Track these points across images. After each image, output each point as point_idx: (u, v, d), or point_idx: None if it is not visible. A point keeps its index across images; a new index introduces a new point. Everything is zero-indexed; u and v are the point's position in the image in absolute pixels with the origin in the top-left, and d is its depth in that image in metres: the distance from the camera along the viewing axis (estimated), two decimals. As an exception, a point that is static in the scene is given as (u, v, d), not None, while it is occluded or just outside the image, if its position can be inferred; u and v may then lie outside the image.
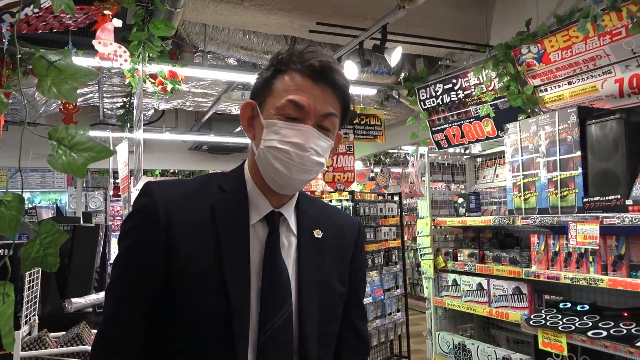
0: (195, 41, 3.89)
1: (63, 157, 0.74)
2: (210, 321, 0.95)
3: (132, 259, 0.99)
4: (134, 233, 0.99)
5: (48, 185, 8.10)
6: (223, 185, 1.04)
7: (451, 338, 3.55)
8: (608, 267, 2.52)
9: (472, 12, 4.30)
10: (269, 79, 1.02)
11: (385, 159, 10.00)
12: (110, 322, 0.99)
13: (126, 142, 5.10)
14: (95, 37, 2.20)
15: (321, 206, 1.18)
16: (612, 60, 2.95)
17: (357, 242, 1.18)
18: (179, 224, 0.97)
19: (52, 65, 0.73)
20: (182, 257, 0.96)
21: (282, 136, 0.97)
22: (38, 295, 2.28)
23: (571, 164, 2.73)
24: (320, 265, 1.07)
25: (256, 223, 1.02)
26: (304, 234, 1.07)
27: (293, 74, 1.00)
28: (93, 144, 0.76)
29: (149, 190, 1.00)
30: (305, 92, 0.98)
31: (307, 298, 1.02)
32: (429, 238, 3.74)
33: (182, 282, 0.95)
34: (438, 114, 4.32)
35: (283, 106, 0.98)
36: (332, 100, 1.00)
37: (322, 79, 0.99)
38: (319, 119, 0.99)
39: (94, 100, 5.47)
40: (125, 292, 0.98)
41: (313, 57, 0.99)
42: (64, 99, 0.75)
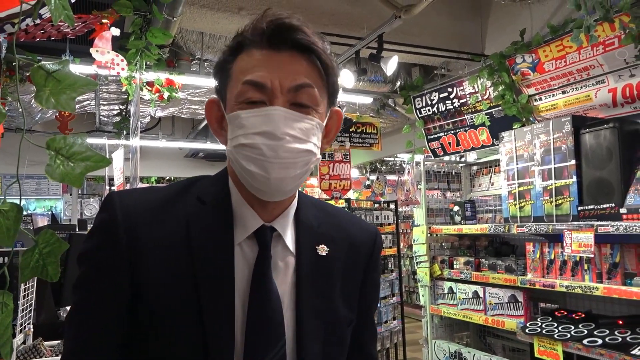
0: (193, 49, 3.91)
1: (61, 166, 0.74)
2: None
3: (90, 288, 0.80)
4: (93, 256, 0.81)
5: (43, 193, 8.06)
6: (202, 196, 0.84)
7: (447, 346, 3.54)
8: (603, 275, 2.53)
9: (467, 21, 4.34)
10: (223, 64, 0.82)
11: (381, 166, 10.02)
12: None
13: (122, 150, 5.10)
14: (93, 45, 2.21)
15: (329, 213, 0.95)
16: (606, 70, 2.98)
17: (371, 256, 0.95)
18: (145, 245, 0.78)
19: (51, 76, 0.74)
20: (149, 286, 0.77)
21: (246, 128, 0.77)
22: (33, 303, 2.27)
23: (566, 172, 2.76)
24: (325, 290, 0.86)
25: (243, 241, 0.82)
26: (305, 252, 0.86)
27: (249, 49, 0.79)
28: (91, 154, 0.76)
29: (110, 203, 0.81)
30: (264, 66, 0.77)
31: (308, 334, 0.82)
32: (425, 246, 3.75)
33: (150, 318, 0.77)
34: (434, 122, 4.34)
35: (241, 91, 0.78)
36: (302, 67, 0.78)
37: (281, 44, 0.77)
38: (291, 96, 0.78)
39: (90, 108, 5.47)
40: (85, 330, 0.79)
41: (262, 21, 0.78)
42: (62, 109, 0.75)
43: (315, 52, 0.79)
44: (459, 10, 4.30)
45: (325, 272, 0.87)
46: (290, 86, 0.77)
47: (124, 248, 0.78)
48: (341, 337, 0.88)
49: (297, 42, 0.78)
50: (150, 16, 2.58)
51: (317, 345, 0.82)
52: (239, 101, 0.78)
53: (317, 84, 0.80)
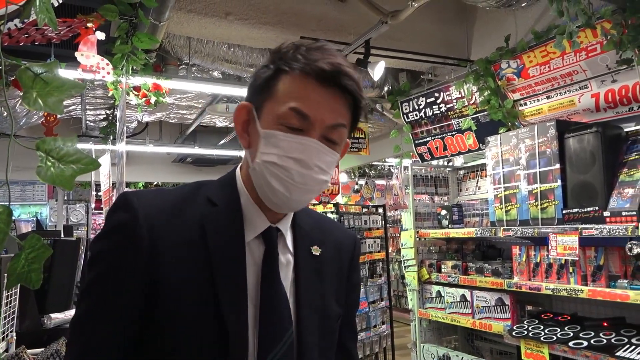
0: (180, 54, 3.89)
1: (51, 168, 0.74)
2: (205, 352, 0.82)
3: (106, 289, 0.82)
4: (109, 257, 0.83)
5: (28, 198, 7.96)
6: (213, 198, 0.90)
7: (436, 350, 3.55)
8: (588, 278, 2.56)
9: (453, 27, 4.39)
10: (269, 79, 0.86)
11: (369, 171, 10.05)
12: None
13: (109, 155, 5.06)
14: (78, 49, 2.20)
15: (317, 218, 1.06)
16: (589, 76, 3.03)
17: (352, 258, 1.06)
18: (164, 244, 0.83)
19: (38, 78, 0.73)
20: (168, 284, 0.82)
21: (282, 150, 0.83)
22: (16, 311, 2.24)
23: (551, 176, 2.79)
24: (320, 287, 0.95)
25: (251, 241, 0.90)
26: (302, 252, 0.95)
27: (298, 75, 0.84)
28: (81, 156, 0.76)
29: (129, 203, 0.84)
30: (312, 99, 0.83)
31: (306, 326, 0.90)
32: (413, 250, 3.76)
33: (170, 316, 0.81)
34: (421, 127, 4.37)
35: (285, 114, 0.83)
36: (341, 108, 0.86)
37: (331, 84, 0.84)
38: (326, 131, 0.85)
39: (76, 112, 5.41)
40: (94, 336, 0.81)
41: (322, 58, 0.84)
42: (50, 110, 0.75)
43: (355, 98, 0.87)
44: (445, 16, 4.34)
45: (319, 270, 0.97)
46: (329, 124, 0.85)
47: (145, 248, 0.82)
48: (333, 329, 0.98)
49: (345, 87, 0.85)
50: (137, 21, 2.57)
51: (314, 336, 0.91)
52: (280, 122, 0.84)
53: (347, 124, 0.89)
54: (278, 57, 0.87)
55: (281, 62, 0.86)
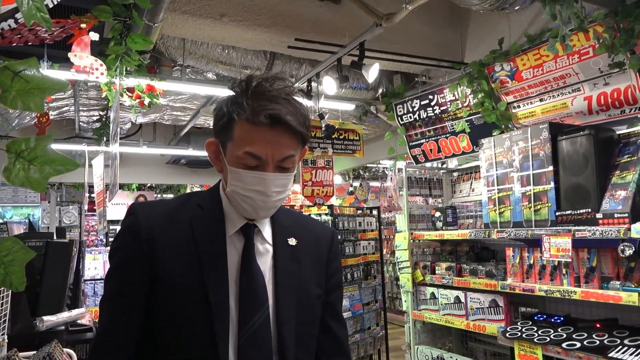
0: (174, 55, 3.88)
1: (22, 170, 0.71)
2: (194, 326, 1.03)
3: (121, 275, 1.09)
4: (121, 251, 1.10)
5: (20, 200, 7.89)
6: (201, 203, 1.13)
7: (430, 352, 3.56)
8: (581, 279, 2.58)
9: (448, 30, 4.40)
10: (226, 126, 1.06)
11: (364, 173, 10.06)
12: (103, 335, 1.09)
13: (102, 156, 5.03)
14: (72, 50, 2.18)
15: (297, 217, 1.26)
16: (581, 79, 3.05)
17: (330, 249, 1.25)
18: (161, 240, 1.07)
19: (17, 76, 0.71)
20: (166, 271, 1.05)
21: (245, 184, 1.05)
22: (8, 313, 2.21)
23: (544, 178, 2.80)
24: (296, 270, 1.14)
25: (233, 234, 1.11)
26: (279, 243, 1.15)
27: (248, 122, 1.02)
28: (55, 157, 0.73)
29: (134, 210, 1.11)
30: (261, 142, 1.02)
31: (284, 301, 1.09)
32: (407, 252, 3.76)
33: (166, 294, 1.05)
34: (415, 129, 4.39)
35: (242, 157, 1.03)
36: (289, 142, 1.04)
37: (277, 125, 1.02)
38: (278, 163, 1.05)
39: (69, 114, 5.38)
40: (116, 307, 1.08)
41: (265, 106, 1.01)
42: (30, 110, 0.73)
43: (301, 131, 1.04)
44: (439, 19, 4.36)
45: (295, 257, 1.16)
46: (279, 158, 1.04)
47: (145, 244, 1.06)
48: (311, 307, 1.15)
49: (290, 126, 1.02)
50: (130, 22, 2.56)
51: (291, 310, 1.10)
52: (239, 162, 1.04)
53: (296, 150, 1.07)
54: (231, 102, 1.05)
55: (233, 108, 1.04)
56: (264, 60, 4.16)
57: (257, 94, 1.03)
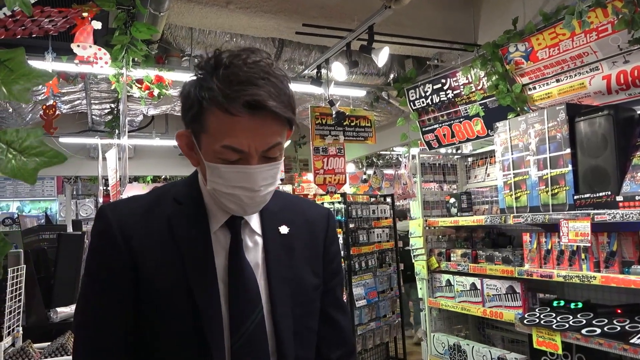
0: (182, 45, 3.85)
1: (12, 161, 0.71)
2: (184, 333, 0.93)
3: (102, 290, 0.96)
4: (98, 257, 0.98)
5: (38, 194, 8.01)
6: (178, 197, 1.00)
7: (446, 339, 3.52)
8: (600, 264, 2.51)
9: (459, 11, 4.30)
10: (197, 116, 0.90)
11: (377, 160, 9.99)
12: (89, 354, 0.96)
13: (115, 149, 5.05)
14: (74, 40, 2.16)
15: (287, 200, 1.12)
16: (599, 57, 2.95)
17: (327, 232, 1.13)
18: (137, 242, 0.95)
19: (2, 65, 0.70)
20: (146, 274, 0.94)
21: (227, 181, 0.91)
22: (22, 305, 2.23)
23: (561, 161, 2.72)
24: (290, 261, 1.03)
25: (217, 230, 0.99)
26: (269, 233, 1.03)
27: (223, 112, 0.87)
28: (45, 149, 0.73)
29: (103, 214, 0.98)
30: (242, 132, 0.87)
31: (279, 297, 0.99)
32: (422, 239, 3.72)
33: (151, 298, 0.94)
34: (428, 114, 4.31)
35: (221, 151, 0.89)
36: (274, 129, 0.90)
37: (258, 112, 0.87)
38: (263, 153, 0.91)
39: (81, 107, 5.41)
40: (102, 328, 0.95)
41: (241, 91, 0.85)
42: (15, 99, 0.71)
43: (286, 114, 0.89)
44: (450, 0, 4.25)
45: (288, 247, 1.04)
46: (264, 149, 0.91)
47: (122, 248, 0.94)
48: (309, 300, 1.05)
49: (272, 111, 0.87)
50: (134, 10, 2.53)
51: (287, 308, 0.99)
52: (218, 157, 0.90)
53: (282, 136, 0.93)
54: (199, 84, 0.89)
55: (203, 94, 0.88)
56: (272, 48, 4.11)
57: (229, 76, 0.86)
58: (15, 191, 7.87)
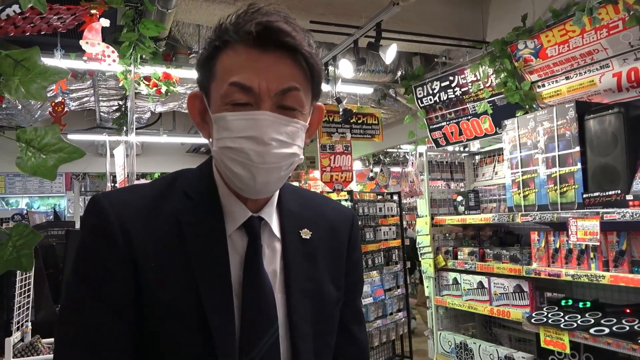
0: (190, 42, 3.86)
1: (32, 159, 0.71)
2: (193, 356, 0.79)
3: (94, 288, 0.78)
4: (92, 258, 0.79)
5: (46, 190, 8.08)
6: (189, 191, 0.85)
7: (453, 337, 3.51)
8: (609, 263, 2.49)
9: (468, 8, 4.26)
10: (207, 60, 0.80)
11: (384, 158, 9.97)
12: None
13: (123, 146, 5.07)
14: (83, 37, 2.17)
15: (308, 198, 0.98)
16: (610, 54, 2.91)
17: (350, 237, 0.99)
18: (140, 244, 0.79)
19: (20, 64, 0.70)
20: (149, 283, 0.78)
21: (233, 132, 0.77)
22: (31, 301, 2.25)
23: (570, 159, 2.70)
24: (311, 271, 0.89)
25: (232, 233, 0.84)
26: (290, 237, 0.89)
27: (233, 47, 0.77)
28: (63, 145, 0.73)
29: (98, 206, 0.79)
30: (251, 69, 0.76)
31: (298, 313, 0.85)
32: (429, 237, 3.71)
33: (154, 313, 0.78)
34: (435, 111, 4.29)
35: (227, 92, 0.76)
36: (289, 70, 0.78)
37: (269, 46, 0.76)
38: (277, 99, 0.77)
39: (90, 104, 5.44)
40: (91, 331, 0.77)
41: (250, 20, 0.75)
42: (32, 98, 0.72)
43: (302, 54, 0.78)
44: (459, -4, 4.22)
45: (310, 255, 0.90)
46: (277, 90, 0.77)
47: (123, 249, 0.77)
48: (330, 315, 0.92)
49: (285, 44, 0.76)
50: (142, 8, 2.54)
51: (307, 325, 0.85)
52: (225, 102, 0.77)
53: (302, 86, 0.80)
54: (214, 35, 0.80)
55: (214, 38, 0.80)
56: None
57: (242, 15, 0.77)
58: (24, 187, 7.94)
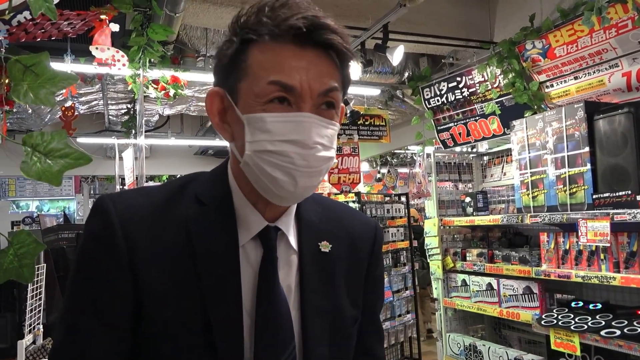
0: (197, 45, 3.88)
1: (37, 163, 0.71)
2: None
3: (92, 301, 0.73)
4: (88, 270, 0.74)
5: (56, 193, 8.15)
6: (201, 196, 0.79)
7: (462, 339, 3.50)
8: (620, 265, 2.47)
9: (475, 8, 4.25)
10: (236, 55, 0.73)
11: (392, 159, 9.94)
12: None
13: (132, 149, 5.11)
14: (93, 42, 2.19)
15: (328, 207, 0.91)
16: (619, 54, 2.89)
17: (373, 251, 0.92)
18: (145, 254, 0.73)
19: (29, 70, 0.70)
20: (153, 298, 0.73)
21: (273, 134, 0.70)
22: (42, 303, 2.27)
23: (579, 160, 2.68)
24: (329, 288, 0.83)
25: (247, 243, 0.78)
26: (308, 250, 0.82)
27: (269, 42, 0.71)
28: (70, 151, 0.73)
29: (103, 207, 0.74)
30: (292, 67, 0.70)
31: (313, 334, 0.79)
32: (437, 238, 3.70)
33: (155, 330, 0.73)
34: (443, 112, 4.27)
35: (265, 91, 0.70)
36: (329, 68, 0.73)
37: (310, 43, 0.71)
38: (318, 99, 0.72)
39: (98, 107, 5.48)
40: (86, 347, 0.73)
41: (292, 15, 0.70)
42: (41, 103, 0.73)
43: (345, 54, 0.74)
44: (466, -3, 4.21)
45: (329, 270, 0.84)
46: (320, 90, 0.72)
47: (125, 259, 0.72)
48: (347, 335, 0.85)
49: (329, 41, 0.71)
50: (151, 12, 2.56)
51: (323, 345, 0.80)
52: (262, 102, 0.71)
53: (339, 82, 0.75)
54: (240, 26, 0.73)
55: (245, 31, 0.72)
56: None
57: (277, 7, 0.71)
58: (34, 190, 8.03)
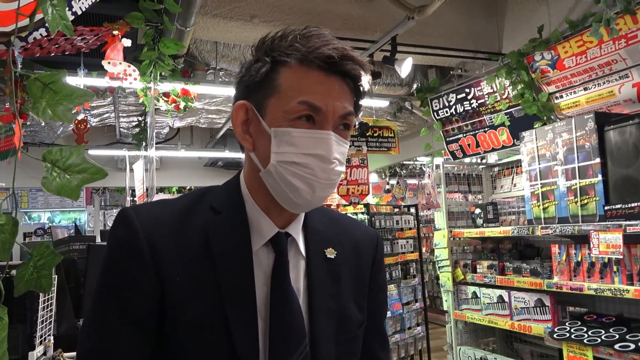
0: (207, 59, 3.93)
1: (57, 179, 0.73)
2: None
3: (114, 306, 0.79)
4: (115, 274, 0.80)
5: (67, 205, 8.23)
6: (216, 206, 0.86)
7: (473, 352, 3.45)
8: (634, 277, 2.43)
9: (483, 20, 4.27)
10: (267, 74, 0.81)
11: (400, 170, 9.93)
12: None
13: (142, 161, 5.16)
14: (105, 56, 2.24)
15: (333, 218, 0.99)
16: (629, 64, 2.88)
17: (375, 258, 0.99)
18: (167, 258, 0.80)
19: (47, 87, 0.73)
20: (175, 300, 0.79)
21: (300, 147, 0.79)
22: (53, 315, 2.28)
23: (590, 171, 2.66)
24: (336, 291, 0.89)
25: (259, 249, 0.85)
26: (315, 255, 0.89)
27: (299, 66, 0.80)
28: (87, 166, 0.75)
29: (126, 218, 0.81)
30: (320, 90, 0.79)
31: (322, 334, 0.85)
32: (447, 250, 3.67)
33: (177, 330, 0.79)
34: (452, 124, 4.27)
35: (294, 109, 0.79)
36: (347, 95, 0.82)
37: (334, 71, 0.80)
38: (338, 120, 0.81)
39: (110, 120, 5.56)
40: (112, 349, 0.78)
41: (323, 45, 0.79)
42: (59, 120, 0.75)
43: (362, 86, 0.84)
44: (474, 8, 4.23)
45: (335, 274, 0.90)
46: (341, 113, 0.81)
47: (149, 263, 0.78)
48: (353, 337, 0.91)
49: (349, 73, 0.81)
50: (162, 27, 2.60)
51: (331, 346, 0.85)
52: (290, 118, 0.79)
53: (352, 107, 0.84)
54: (270, 48, 0.82)
55: (276, 53, 0.81)
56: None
57: (309, 37, 0.80)
58: (46, 202, 8.12)
